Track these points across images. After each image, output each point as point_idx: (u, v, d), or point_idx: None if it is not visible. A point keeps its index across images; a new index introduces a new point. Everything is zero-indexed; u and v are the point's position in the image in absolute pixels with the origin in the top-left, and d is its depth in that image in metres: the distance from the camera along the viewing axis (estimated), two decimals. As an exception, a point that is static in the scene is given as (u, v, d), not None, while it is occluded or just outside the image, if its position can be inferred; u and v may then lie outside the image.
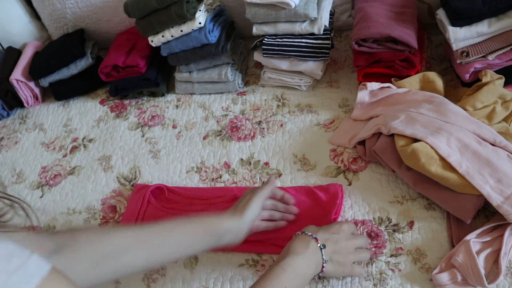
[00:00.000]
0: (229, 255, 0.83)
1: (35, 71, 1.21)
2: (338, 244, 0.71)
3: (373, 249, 0.78)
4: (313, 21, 0.97)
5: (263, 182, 0.82)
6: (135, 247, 0.64)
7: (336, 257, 0.70)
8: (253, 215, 0.74)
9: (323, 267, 0.69)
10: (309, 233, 0.70)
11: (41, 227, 0.95)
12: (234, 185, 0.93)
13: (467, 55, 0.89)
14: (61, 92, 1.23)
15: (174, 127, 1.09)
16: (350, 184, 0.87)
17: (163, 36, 1.05)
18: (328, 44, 0.98)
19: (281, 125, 1.01)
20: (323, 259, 0.68)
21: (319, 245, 0.69)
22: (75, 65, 1.20)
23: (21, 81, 1.20)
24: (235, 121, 1.05)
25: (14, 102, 1.24)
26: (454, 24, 0.88)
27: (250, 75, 1.16)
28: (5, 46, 1.31)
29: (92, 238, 0.62)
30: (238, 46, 1.14)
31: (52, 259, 0.55)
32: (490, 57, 0.88)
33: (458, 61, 0.91)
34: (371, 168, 0.89)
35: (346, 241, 0.72)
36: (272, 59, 1.04)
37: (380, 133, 0.86)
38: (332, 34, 1.02)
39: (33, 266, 0.42)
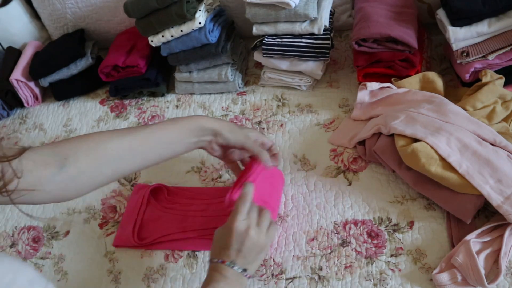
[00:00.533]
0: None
1: (35, 71, 1.21)
2: (243, 251, 0.68)
3: (373, 249, 0.78)
4: (313, 21, 0.97)
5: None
6: (131, 154, 0.69)
7: (249, 258, 0.69)
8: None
9: (246, 275, 0.69)
10: (215, 260, 0.69)
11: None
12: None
13: (467, 55, 0.89)
14: (61, 92, 1.23)
15: (174, 127, 1.08)
16: (350, 184, 0.87)
17: (163, 36, 1.05)
18: (328, 44, 0.98)
19: (281, 125, 1.01)
20: (240, 273, 0.68)
21: (228, 265, 0.67)
22: (75, 65, 1.20)
23: (21, 81, 1.20)
24: (235, 121, 1.05)
25: (14, 102, 1.24)
26: (454, 24, 0.88)
27: (250, 75, 1.16)
28: (5, 46, 1.31)
29: (91, 149, 0.65)
30: (238, 46, 1.14)
31: (58, 176, 0.60)
32: (490, 57, 0.88)
33: (458, 61, 0.91)
34: (371, 168, 0.89)
35: (248, 240, 0.69)
36: (272, 59, 1.04)
37: (380, 133, 0.86)
38: (332, 34, 1.02)
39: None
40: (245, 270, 0.68)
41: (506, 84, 0.87)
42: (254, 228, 0.70)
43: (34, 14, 1.33)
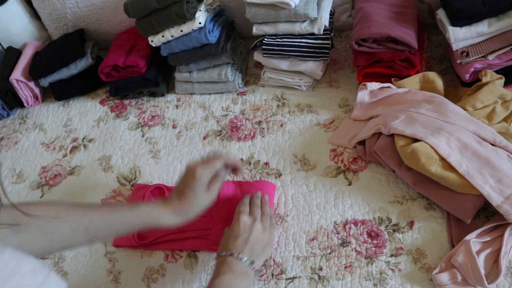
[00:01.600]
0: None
1: (35, 71, 1.21)
2: (250, 241, 0.73)
3: (373, 249, 0.78)
4: (313, 21, 0.97)
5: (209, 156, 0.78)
6: (82, 234, 0.68)
7: (256, 250, 0.73)
8: (197, 209, 0.74)
9: (253, 269, 0.72)
10: (223, 253, 0.72)
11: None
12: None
13: (467, 55, 0.89)
14: (61, 92, 1.23)
15: (174, 127, 1.09)
16: (350, 184, 0.87)
17: (163, 36, 1.05)
18: (328, 44, 0.98)
19: (281, 125, 1.01)
20: (248, 265, 0.71)
21: (237, 257, 0.70)
22: (75, 65, 1.20)
23: (21, 81, 1.20)
24: (235, 121, 1.05)
25: (14, 102, 1.24)
26: (454, 24, 0.88)
27: (250, 75, 1.16)
28: (5, 46, 1.31)
29: (43, 226, 0.65)
30: (238, 46, 1.14)
31: (9, 237, 0.61)
32: (490, 57, 0.88)
33: (458, 61, 0.91)
34: (371, 168, 0.89)
35: (254, 231, 0.74)
36: (272, 59, 1.04)
37: (380, 133, 0.86)
38: (332, 34, 1.02)
39: (54, 284, 0.49)
40: (252, 263, 0.71)
41: (506, 84, 0.87)
42: (259, 222, 0.76)
43: (34, 14, 1.33)
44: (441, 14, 0.92)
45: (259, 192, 0.85)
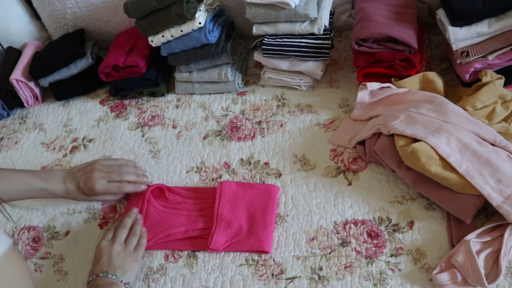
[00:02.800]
0: (229, 255, 0.83)
1: (35, 71, 1.21)
2: (112, 260, 0.78)
3: (373, 249, 0.78)
4: (313, 21, 0.97)
5: None
6: None
7: (120, 267, 0.77)
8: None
9: (122, 281, 0.76)
10: (90, 278, 0.76)
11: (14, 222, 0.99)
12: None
13: (467, 55, 0.89)
14: (61, 92, 1.23)
15: (174, 127, 1.09)
16: (350, 184, 0.87)
17: (163, 36, 1.05)
18: (328, 44, 0.98)
19: (281, 125, 1.01)
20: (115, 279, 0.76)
21: (102, 275, 0.75)
22: (75, 65, 1.20)
23: (21, 81, 1.20)
24: (235, 121, 1.05)
25: (14, 102, 1.24)
26: (454, 24, 0.88)
27: (250, 75, 1.16)
28: (5, 46, 1.31)
29: None
30: (238, 46, 1.14)
31: None
32: (490, 57, 0.88)
33: (458, 61, 0.91)
34: (371, 168, 0.89)
35: (114, 252, 0.79)
36: (272, 59, 1.04)
37: (380, 133, 0.86)
38: (332, 34, 1.02)
39: None
40: (118, 276, 0.75)
41: (506, 84, 0.87)
42: (119, 243, 0.81)
43: (34, 14, 1.32)
44: (441, 14, 0.92)
45: (135, 209, 0.89)
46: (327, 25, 0.99)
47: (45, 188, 0.87)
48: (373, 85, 0.94)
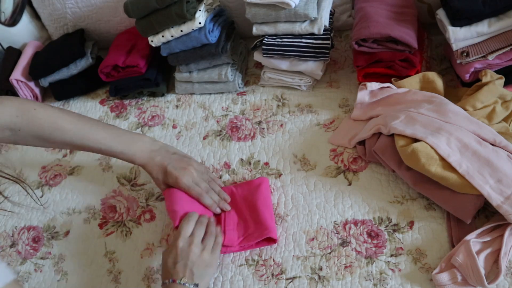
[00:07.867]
0: (229, 255, 0.83)
1: (35, 71, 1.21)
2: (189, 265, 0.73)
3: (373, 249, 0.78)
4: (313, 21, 0.97)
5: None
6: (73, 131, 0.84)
7: (197, 273, 0.73)
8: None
9: None
10: (166, 281, 0.72)
11: (41, 204, 1.00)
12: (234, 185, 0.93)
13: (467, 55, 0.89)
14: (61, 92, 1.23)
15: (174, 127, 1.09)
16: (350, 184, 0.87)
17: (163, 36, 1.05)
18: (328, 44, 0.98)
19: (281, 125, 1.01)
20: None
21: (179, 283, 0.71)
22: (75, 65, 1.20)
23: (21, 81, 1.20)
24: (235, 121, 1.05)
25: (14, 102, 1.24)
26: (454, 24, 0.88)
27: (250, 75, 1.16)
28: (5, 46, 1.31)
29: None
30: (238, 46, 1.14)
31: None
32: (490, 57, 0.88)
33: (458, 61, 0.91)
34: (371, 168, 0.89)
35: (191, 255, 0.74)
36: (272, 59, 1.04)
37: (380, 133, 0.86)
38: (332, 34, 1.02)
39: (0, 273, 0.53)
40: (196, 285, 0.71)
41: (506, 84, 0.87)
42: (197, 245, 0.75)
43: (34, 14, 1.33)
44: (441, 14, 0.92)
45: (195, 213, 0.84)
46: (327, 25, 0.99)
47: (123, 152, 0.86)
48: (373, 85, 0.94)
